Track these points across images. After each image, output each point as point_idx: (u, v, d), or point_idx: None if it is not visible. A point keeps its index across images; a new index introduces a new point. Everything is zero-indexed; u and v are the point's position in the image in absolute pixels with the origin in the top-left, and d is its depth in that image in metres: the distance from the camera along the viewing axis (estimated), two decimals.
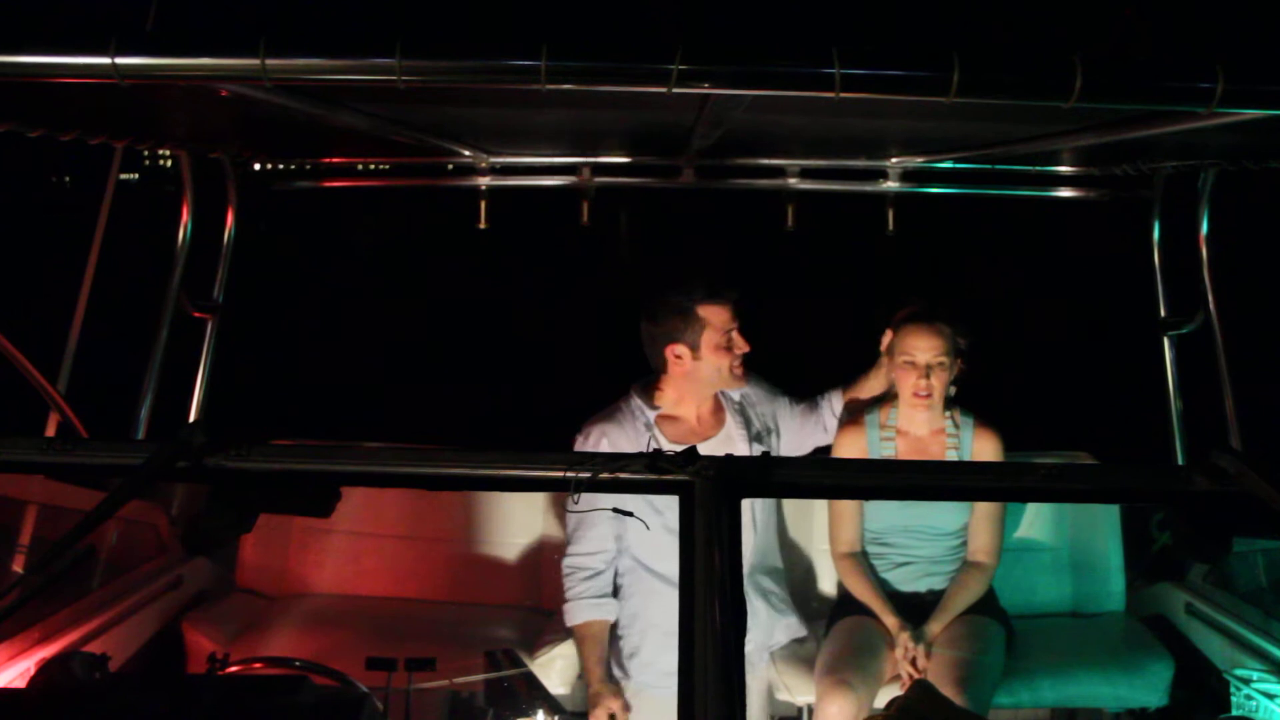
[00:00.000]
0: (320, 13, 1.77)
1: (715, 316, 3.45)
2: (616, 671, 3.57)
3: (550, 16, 1.75)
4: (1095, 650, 3.75)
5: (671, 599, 1.71)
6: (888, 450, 3.64)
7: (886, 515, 3.64)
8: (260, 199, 4.10)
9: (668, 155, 3.76)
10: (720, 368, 3.47)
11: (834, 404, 3.80)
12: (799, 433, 3.76)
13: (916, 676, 3.32)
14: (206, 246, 3.96)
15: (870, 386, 3.78)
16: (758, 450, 3.52)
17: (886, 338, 3.63)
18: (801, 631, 3.77)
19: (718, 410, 3.63)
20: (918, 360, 3.52)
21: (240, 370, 4.57)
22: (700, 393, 3.56)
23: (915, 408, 3.59)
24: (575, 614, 3.51)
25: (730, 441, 3.54)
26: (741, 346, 3.49)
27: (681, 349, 3.46)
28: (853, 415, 3.75)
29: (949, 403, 3.63)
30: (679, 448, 3.36)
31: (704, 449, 1.87)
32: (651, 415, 3.53)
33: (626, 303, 3.40)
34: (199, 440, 1.89)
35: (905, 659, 3.40)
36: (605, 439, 3.46)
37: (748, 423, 3.63)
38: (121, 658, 3.44)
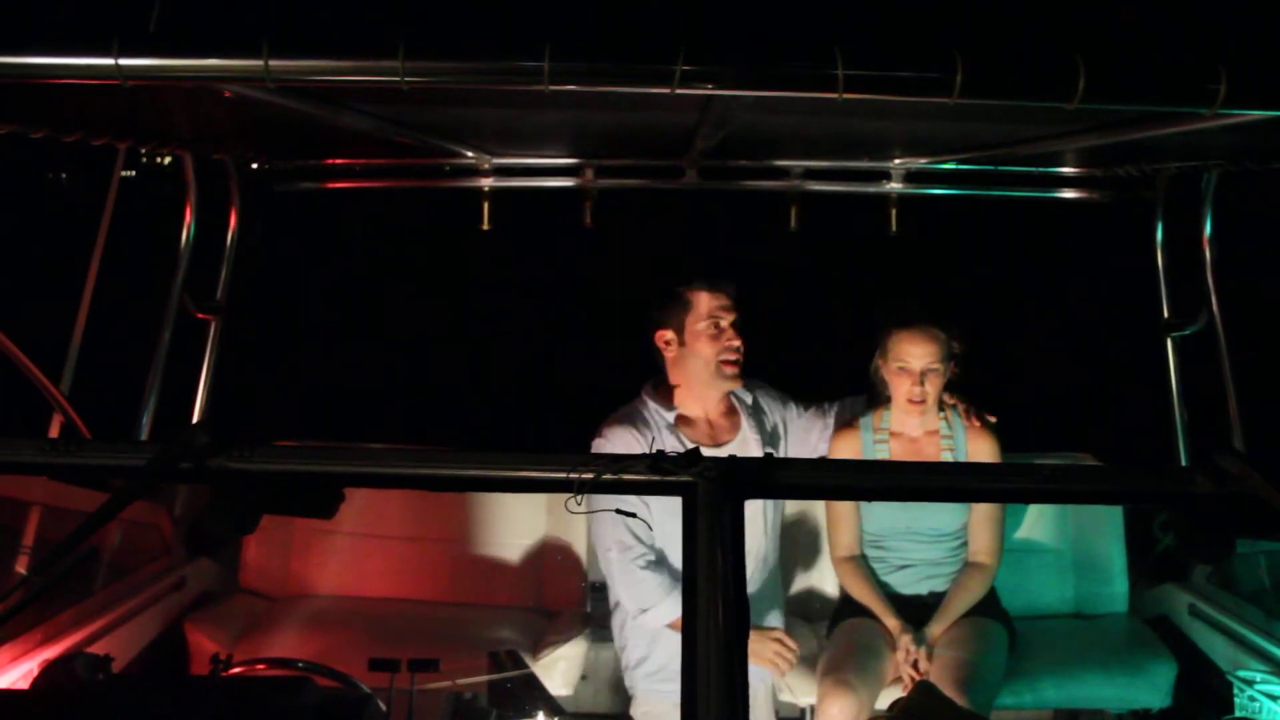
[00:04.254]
0: (323, 14, 1.77)
1: (702, 301, 3.44)
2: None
3: (553, 17, 1.75)
4: (1098, 651, 3.75)
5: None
6: (881, 452, 3.64)
7: (885, 518, 3.63)
8: (263, 200, 4.10)
9: (670, 156, 3.75)
10: (707, 357, 3.43)
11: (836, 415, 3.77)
12: (804, 441, 3.72)
13: (918, 678, 3.32)
14: (209, 248, 3.96)
15: None
16: None
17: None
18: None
19: (731, 413, 3.58)
20: (912, 366, 3.51)
21: (243, 371, 4.56)
22: (699, 390, 3.50)
23: (909, 413, 3.58)
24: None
25: (745, 445, 3.50)
26: (731, 338, 3.44)
27: (669, 334, 3.47)
28: (846, 419, 3.74)
29: (941, 404, 3.63)
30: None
31: (722, 454, 1.83)
32: (671, 417, 3.48)
33: (629, 304, 3.39)
34: (202, 441, 1.90)
35: (906, 661, 3.39)
36: (626, 442, 3.36)
37: (761, 428, 3.58)
38: (124, 659, 3.45)
